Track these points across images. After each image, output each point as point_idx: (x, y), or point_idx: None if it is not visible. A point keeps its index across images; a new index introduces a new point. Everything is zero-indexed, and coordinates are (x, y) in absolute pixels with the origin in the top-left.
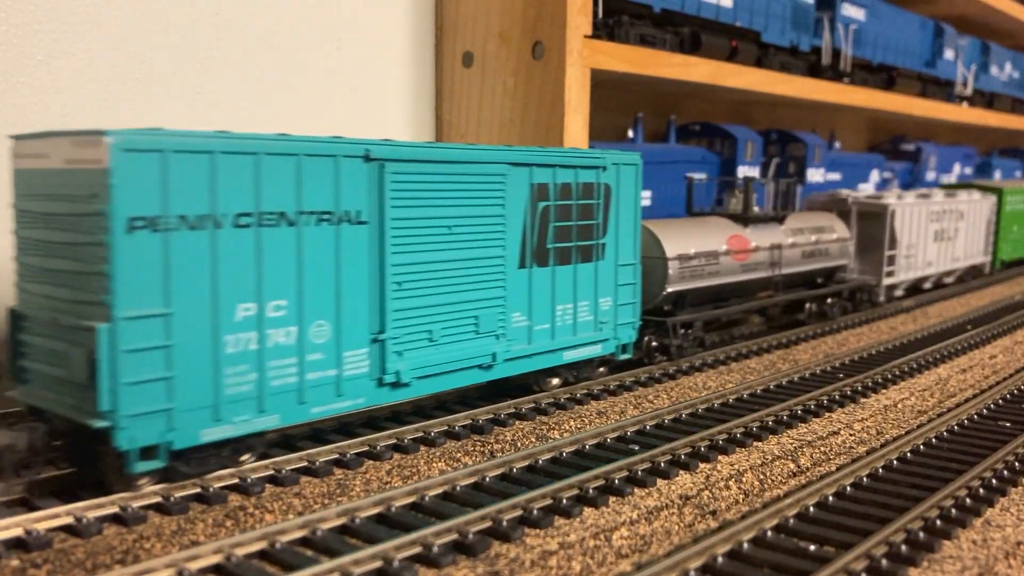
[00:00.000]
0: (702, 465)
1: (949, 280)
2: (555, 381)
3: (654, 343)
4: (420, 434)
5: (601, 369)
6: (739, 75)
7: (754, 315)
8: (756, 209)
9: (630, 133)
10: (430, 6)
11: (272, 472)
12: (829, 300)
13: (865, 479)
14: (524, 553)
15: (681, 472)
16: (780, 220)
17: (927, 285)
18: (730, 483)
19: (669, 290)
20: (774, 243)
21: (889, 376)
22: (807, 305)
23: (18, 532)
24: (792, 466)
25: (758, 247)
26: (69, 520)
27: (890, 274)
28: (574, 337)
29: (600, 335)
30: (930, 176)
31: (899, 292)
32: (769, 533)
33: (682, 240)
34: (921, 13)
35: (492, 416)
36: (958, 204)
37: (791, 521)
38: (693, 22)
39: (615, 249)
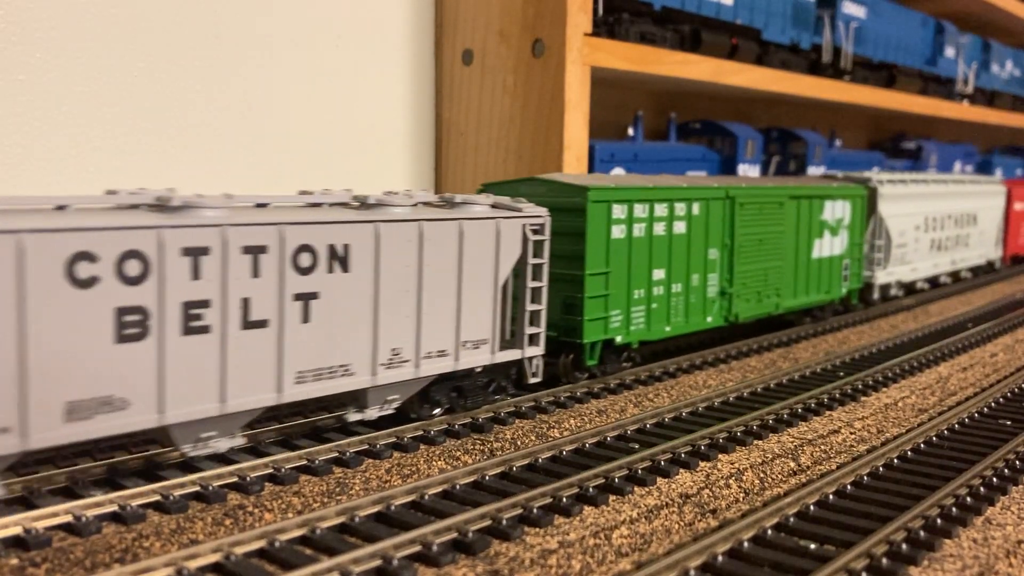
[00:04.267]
0: (702, 464)
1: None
2: None
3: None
4: (420, 432)
5: None
6: (739, 73)
7: None
8: None
9: (630, 131)
10: (430, 3)
11: (271, 471)
12: None
13: (866, 477)
14: (524, 552)
15: (681, 471)
16: None
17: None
18: (730, 481)
19: None
20: None
21: (890, 374)
22: None
23: (17, 531)
24: (792, 464)
25: None
26: (68, 519)
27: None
28: None
29: None
30: None
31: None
32: (769, 532)
33: None
34: (922, 11)
35: (492, 414)
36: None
37: (791, 520)
38: (693, 20)
39: None
